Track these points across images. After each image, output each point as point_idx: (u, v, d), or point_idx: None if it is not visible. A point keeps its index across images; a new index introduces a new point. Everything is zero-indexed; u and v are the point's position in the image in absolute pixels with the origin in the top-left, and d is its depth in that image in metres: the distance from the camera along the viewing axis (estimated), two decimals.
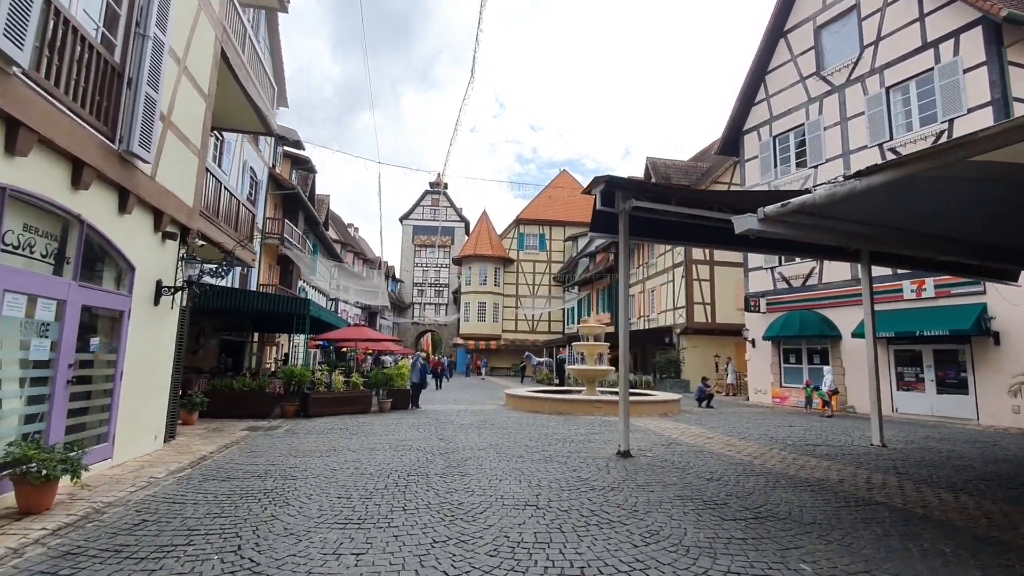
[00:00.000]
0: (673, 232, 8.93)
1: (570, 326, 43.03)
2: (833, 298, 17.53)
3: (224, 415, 11.69)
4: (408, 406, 14.44)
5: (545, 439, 9.34)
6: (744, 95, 21.08)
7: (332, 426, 10.76)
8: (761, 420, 13.47)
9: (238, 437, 9.27)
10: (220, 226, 9.56)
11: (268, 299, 12.87)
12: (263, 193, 23.64)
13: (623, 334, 7.95)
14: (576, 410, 13.67)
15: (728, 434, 10.54)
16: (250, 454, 7.69)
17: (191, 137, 8.17)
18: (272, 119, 12.51)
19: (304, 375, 12.30)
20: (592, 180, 7.98)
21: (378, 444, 8.61)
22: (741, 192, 6.42)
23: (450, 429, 10.58)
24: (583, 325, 17.71)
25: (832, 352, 17.52)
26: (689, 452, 8.22)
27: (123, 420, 6.81)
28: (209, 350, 19.52)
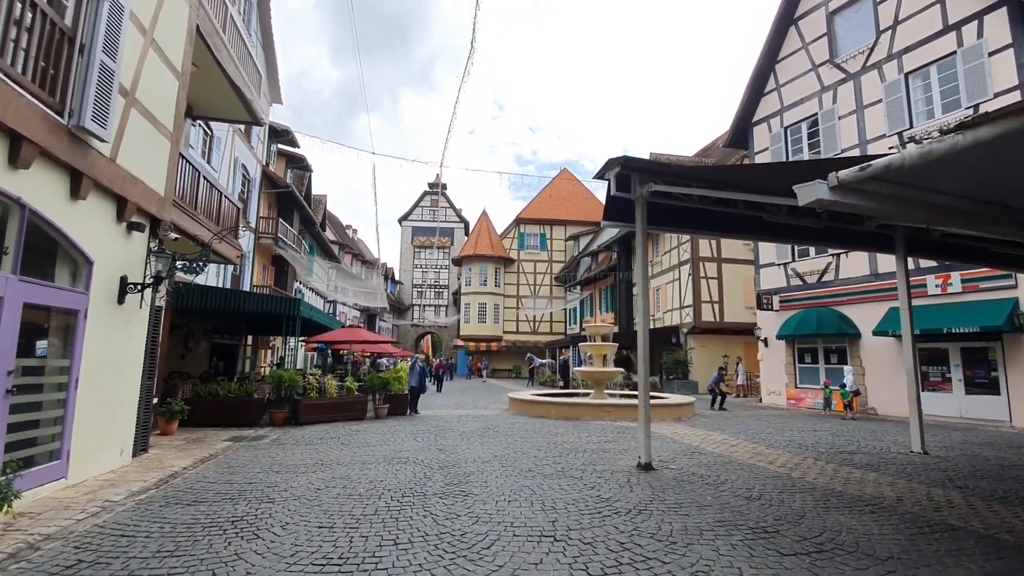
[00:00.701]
0: (696, 220, 8.12)
1: (572, 327, 42.21)
2: (851, 294, 16.72)
3: (208, 424, 10.88)
4: (406, 412, 13.62)
5: (555, 449, 8.53)
6: (753, 85, 20.29)
7: (323, 435, 9.94)
8: (781, 424, 12.65)
9: (218, 449, 8.45)
10: (198, 219, 8.76)
11: (255, 299, 12.08)
12: (256, 191, 22.85)
13: (642, 332, 7.14)
14: (585, 415, 12.85)
15: (752, 440, 9.73)
16: (227, 470, 6.88)
17: (162, 118, 7.37)
18: (259, 107, 11.71)
19: (294, 380, 11.49)
20: (606, 162, 7.19)
21: (371, 456, 7.80)
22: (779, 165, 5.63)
23: (451, 438, 9.76)
24: (589, 325, 16.90)
25: (851, 351, 16.71)
26: (716, 463, 7.41)
27: (80, 434, 6.00)
28: (199, 354, 18.69)
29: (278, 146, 27.53)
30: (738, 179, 6.55)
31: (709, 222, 8.33)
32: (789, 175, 5.77)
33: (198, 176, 8.95)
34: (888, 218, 3.72)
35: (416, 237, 57.60)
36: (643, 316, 7.14)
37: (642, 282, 7.25)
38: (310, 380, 11.94)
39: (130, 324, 7.00)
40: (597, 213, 46.49)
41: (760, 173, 6.28)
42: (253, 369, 23.48)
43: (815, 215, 8.62)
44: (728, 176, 6.54)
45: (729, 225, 8.52)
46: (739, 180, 6.60)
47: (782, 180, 6.17)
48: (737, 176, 6.47)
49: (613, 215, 7.78)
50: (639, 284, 7.24)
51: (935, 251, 10.02)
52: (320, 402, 11.84)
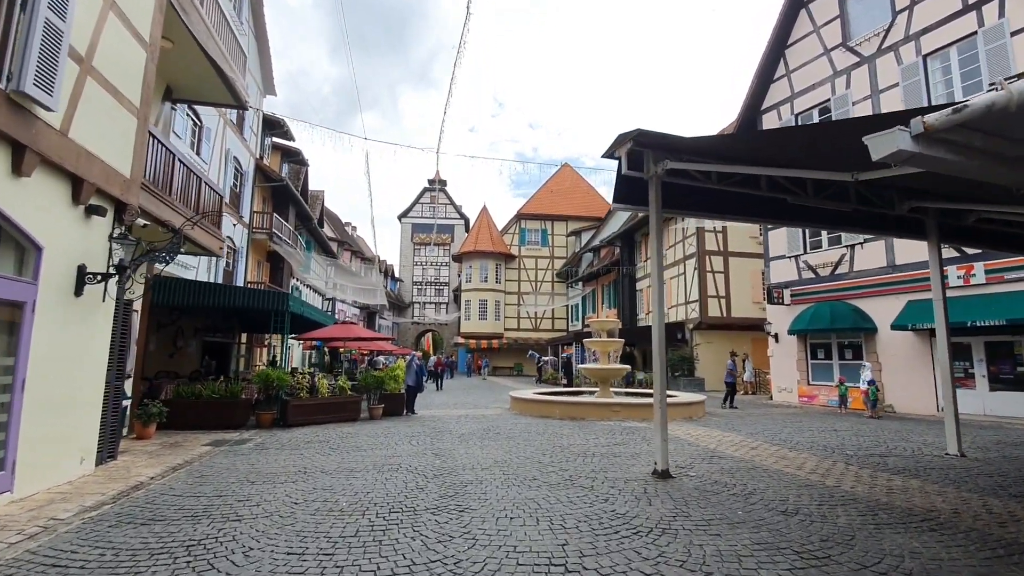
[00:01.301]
0: (714, 203, 7.44)
1: (574, 323, 41.53)
2: (867, 287, 16.01)
3: (190, 426, 10.22)
4: (402, 412, 12.95)
5: (561, 452, 7.85)
6: (762, 72, 19.55)
7: (311, 438, 9.27)
8: (798, 423, 11.96)
9: (195, 455, 7.78)
10: (174, 205, 8.07)
11: (241, 293, 11.39)
12: (249, 185, 22.17)
13: (657, 326, 6.45)
14: (591, 414, 12.17)
15: (772, 442, 9.05)
16: (198, 480, 6.21)
17: (126, 92, 6.68)
18: (242, 88, 11.03)
19: (283, 379, 10.82)
20: (617, 138, 6.50)
21: (360, 463, 7.12)
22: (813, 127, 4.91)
23: (448, 440, 9.09)
24: (594, 320, 16.22)
25: (866, 346, 16.01)
26: (739, 469, 6.72)
27: (28, 442, 5.33)
28: (189, 353, 18.05)
29: (272, 139, 26.84)
30: (764, 147, 5.84)
31: (728, 204, 7.65)
32: (827, 138, 5.06)
33: (173, 159, 8.26)
34: (986, 177, 3.02)
35: (416, 234, 56.89)
36: (658, 308, 6.45)
37: (656, 271, 6.56)
38: (300, 379, 11.27)
39: (91, 319, 6.32)
40: (599, 208, 45.84)
41: (791, 137, 5.54)
42: (248, 368, 22.84)
43: (842, 197, 7.94)
44: (754, 144, 5.82)
45: (750, 208, 7.84)
46: (765, 149, 5.89)
47: (816, 147, 5.48)
48: (763, 142, 5.75)
49: (624, 197, 7.09)
50: (653, 273, 6.57)
51: (968, 238, 9.33)
52: (310, 403, 11.17)
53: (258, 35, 22.62)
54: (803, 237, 18.16)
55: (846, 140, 4.88)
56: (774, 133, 5.39)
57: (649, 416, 12.01)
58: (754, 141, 5.59)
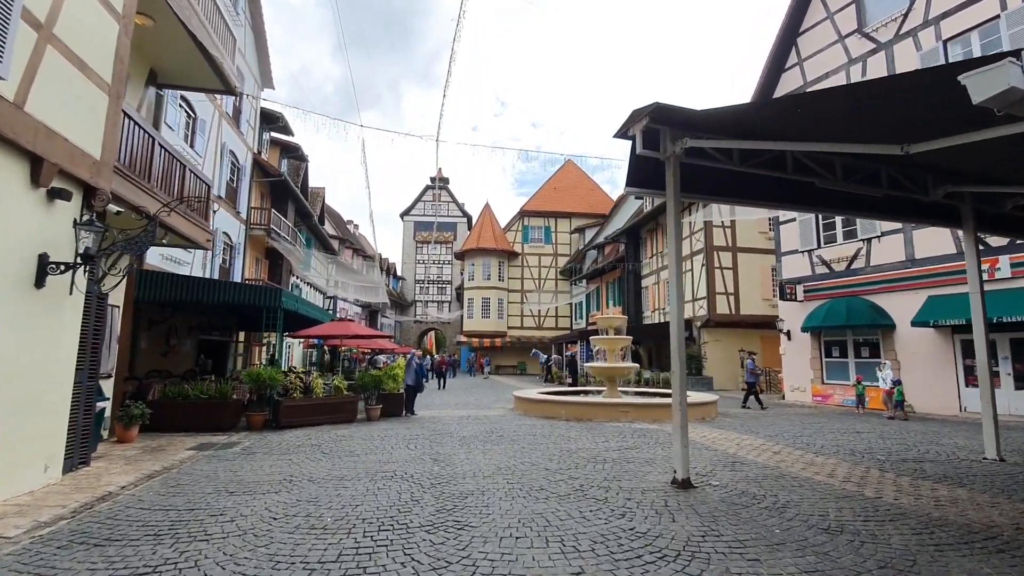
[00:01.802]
0: (737, 186, 6.86)
1: (578, 321, 40.94)
2: (884, 282, 15.38)
3: (177, 428, 9.70)
4: (402, 413, 12.39)
5: (569, 458, 7.28)
6: (773, 61, 18.90)
7: (303, 442, 8.73)
8: (816, 424, 11.36)
9: (176, 460, 7.24)
10: (152, 192, 7.52)
11: (230, 288, 10.84)
12: (246, 180, 21.67)
13: (676, 322, 5.87)
14: (599, 415, 11.59)
15: (794, 446, 8.46)
16: (173, 489, 5.66)
17: (96, 66, 6.13)
18: (231, 73, 10.49)
19: (274, 378, 10.27)
20: (631, 114, 5.92)
21: (352, 470, 6.56)
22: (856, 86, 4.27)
23: (448, 444, 8.53)
24: (600, 317, 15.63)
25: (884, 344, 15.39)
26: (765, 477, 6.14)
27: None
28: (183, 351, 17.56)
29: (271, 134, 26.34)
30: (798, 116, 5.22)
31: (751, 188, 7.07)
32: (875, 100, 4.46)
33: (152, 143, 7.71)
34: None
35: (418, 232, 56.36)
36: (676, 302, 5.87)
37: (674, 261, 5.98)
38: (293, 379, 10.72)
39: (57, 313, 5.78)
40: (603, 205, 45.19)
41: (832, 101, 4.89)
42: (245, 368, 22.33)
43: (873, 181, 7.35)
44: (787, 111, 5.19)
45: (774, 192, 7.26)
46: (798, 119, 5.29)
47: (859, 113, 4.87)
48: (799, 108, 5.12)
49: (638, 180, 6.51)
50: (671, 264, 5.99)
51: (1006, 226, 8.75)
52: (304, 403, 10.63)
53: (255, 27, 22.11)
54: (816, 231, 17.55)
55: (903, 99, 4.30)
56: (812, 97, 4.79)
57: (661, 417, 11.44)
58: (788, 107, 4.98)
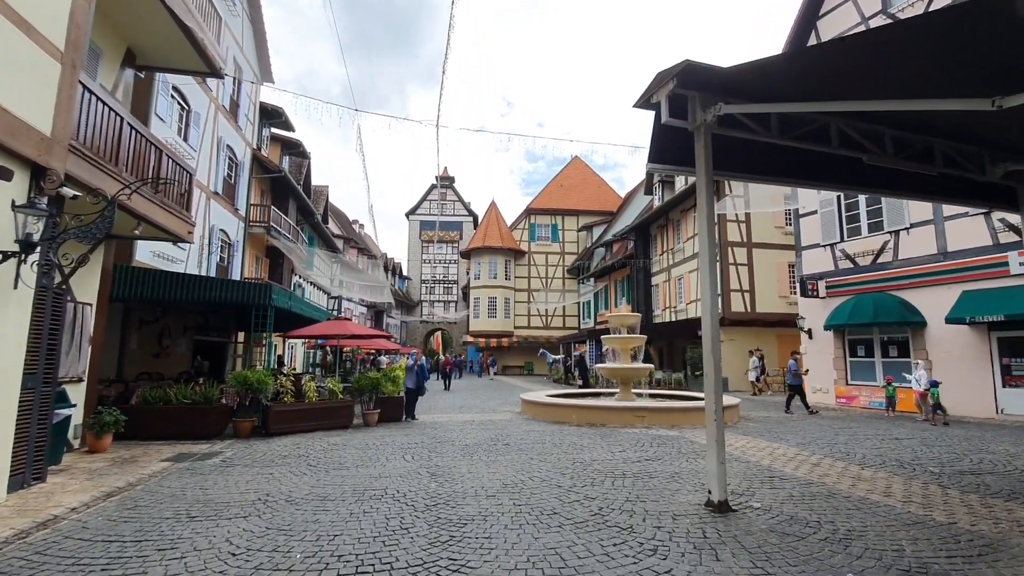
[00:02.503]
0: (772, 162, 6.03)
1: (585, 321, 40.09)
2: (914, 277, 14.45)
3: (157, 436, 8.97)
4: (401, 418, 11.62)
5: (583, 472, 6.47)
6: (791, 46, 18.00)
7: (290, 452, 7.97)
8: (848, 430, 10.49)
9: (146, 474, 6.50)
10: (119, 176, 6.77)
11: (215, 285, 10.09)
12: (245, 176, 21.02)
13: (709, 315, 5.05)
14: (613, 420, 10.77)
15: (832, 455, 7.60)
16: (128, 512, 4.91)
17: (45, 30, 5.39)
18: (216, 54, 9.76)
19: (263, 382, 9.53)
20: (655, 78, 5.11)
21: (338, 487, 5.79)
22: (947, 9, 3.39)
23: (449, 454, 7.74)
24: (612, 315, 14.80)
25: (914, 342, 14.46)
26: (813, 496, 5.31)
27: None
28: (178, 353, 16.90)
29: (271, 130, 25.70)
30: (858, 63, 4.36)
31: (790, 165, 6.24)
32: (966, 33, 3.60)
33: (120, 122, 6.97)
34: None
35: (424, 232, 55.69)
36: (710, 294, 5.05)
37: (707, 248, 5.16)
38: (283, 382, 9.98)
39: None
40: (611, 202, 44.27)
41: (908, 32, 3.96)
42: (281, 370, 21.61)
43: (926, 158, 6.49)
44: (847, 55, 4.30)
45: (815, 169, 6.43)
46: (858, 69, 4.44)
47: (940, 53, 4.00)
48: (862, 50, 4.23)
49: (662, 155, 5.69)
50: (704, 252, 5.19)
51: None
52: (295, 408, 9.88)
53: (254, 20, 21.48)
54: (840, 223, 16.63)
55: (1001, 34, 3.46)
56: (878, 33, 3.95)
57: (680, 422, 10.61)
58: (848, 49, 4.10)
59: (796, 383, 14.24)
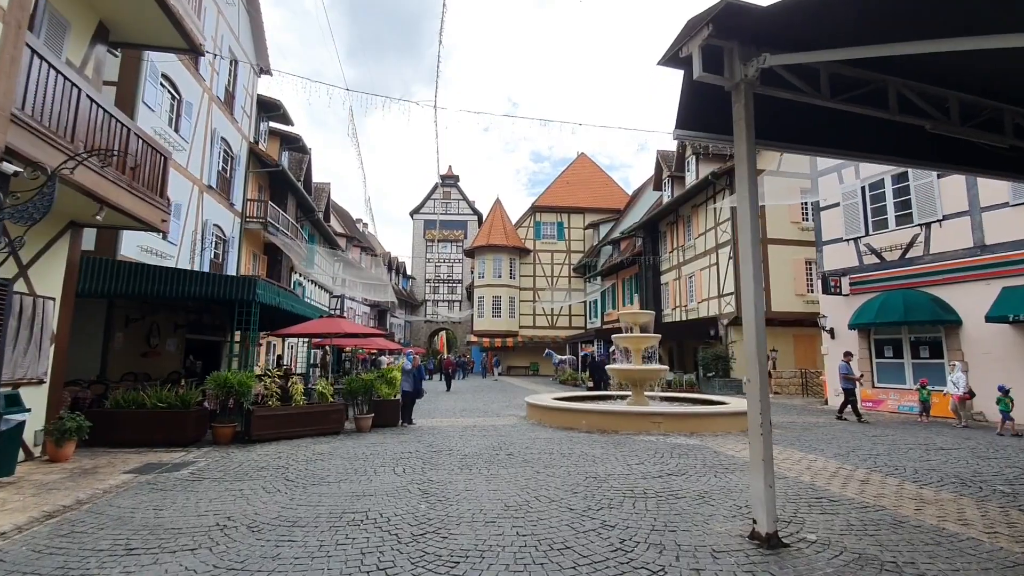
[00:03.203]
0: (820, 130, 5.17)
1: (592, 320, 39.21)
2: (948, 272, 13.50)
3: (129, 443, 8.21)
4: (397, 422, 10.81)
5: (598, 489, 5.63)
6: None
7: (268, 463, 7.16)
8: (885, 438, 9.59)
9: (101, 490, 5.72)
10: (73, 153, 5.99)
11: (193, 279, 9.28)
12: (241, 170, 20.31)
13: (753, 310, 4.21)
14: (625, 426, 9.92)
15: (880, 470, 6.72)
16: (60, 540, 4.12)
17: None
18: (195, 29, 8.98)
19: (244, 385, 8.73)
20: (686, 26, 4.28)
21: (312, 509, 4.97)
22: None
23: (446, 466, 6.92)
24: (624, 313, 13.93)
25: (948, 342, 13.51)
26: (876, 525, 4.45)
27: None
28: (168, 352, 16.19)
29: (270, 124, 25.01)
30: None
31: (841, 134, 5.38)
32: None
33: (78, 94, 6.19)
34: None
35: (428, 231, 54.94)
36: (753, 285, 4.21)
37: (749, 231, 4.31)
38: (268, 384, 9.19)
39: None
40: (618, 199, 43.30)
41: None
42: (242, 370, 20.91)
43: (995, 127, 5.63)
44: None
45: (870, 139, 5.56)
46: None
47: None
48: None
49: (692, 120, 4.84)
50: (744, 236, 4.35)
51: None
52: (281, 413, 9.08)
53: (251, 9, 20.78)
54: (864, 216, 15.70)
55: None
56: None
57: (699, 428, 9.74)
58: None
59: (849, 387, 12.72)
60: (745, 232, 4.29)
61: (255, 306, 9.55)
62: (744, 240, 4.29)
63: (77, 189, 5.92)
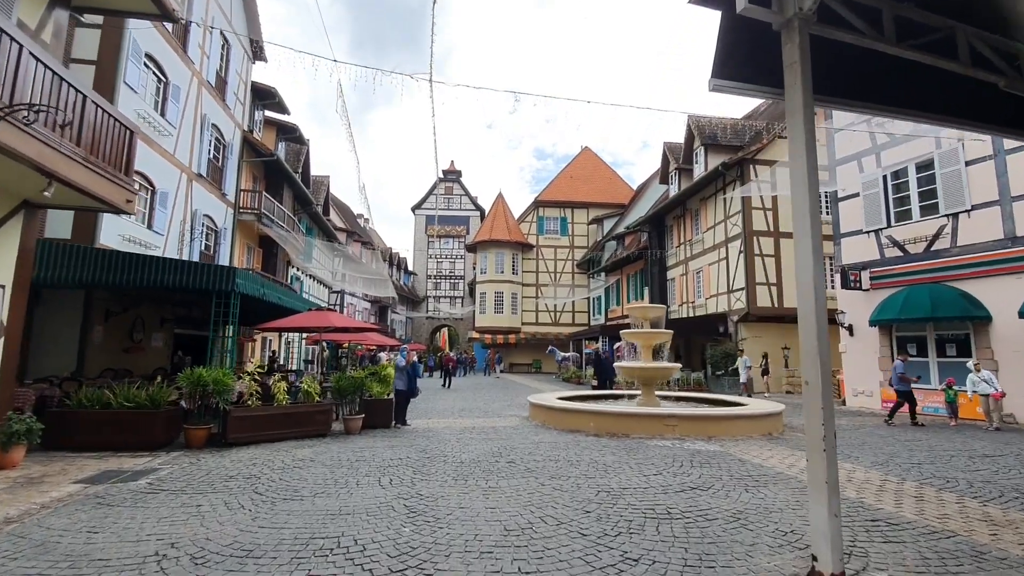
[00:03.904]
0: (891, 85, 4.37)
1: (596, 317, 38.40)
2: (977, 265, 12.68)
3: (92, 446, 7.45)
4: (390, 424, 10.03)
5: (613, 508, 4.85)
6: None
7: (241, 470, 6.39)
8: (919, 443, 8.79)
9: (40, 504, 4.95)
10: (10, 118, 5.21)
11: (164, 267, 8.47)
12: (234, 159, 19.55)
13: (813, 298, 3.40)
14: (636, 429, 9.13)
15: (926, 482, 5.93)
16: None
17: None
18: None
19: (221, 383, 7.96)
20: None
21: (276, 532, 4.20)
22: None
23: (438, 476, 6.14)
24: (635, 307, 13.13)
25: (977, 340, 12.70)
26: (956, 558, 3.66)
27: None
28: (153, 347, 15.47)
29: (265, 113, 24.22)
30: None
31: (904, 89, 4.57)
32: None
33: (17, 50, 5.40)
34: None
35: (430, 226, 54.15)
36: (813, 267, 3.40)
37: (808, 203, 3.49)
38: (248, 382, 8.41)
39: None
40: (622, 194, 42.40)
41: None
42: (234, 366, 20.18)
43: None
44: None
45: (937, 99, 4.74)
46: None
47: None
48: None
49: (730, 67, 4.01)
50: (801, 202, 3.53)
51: None
52: (261, 413, 8.31)
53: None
54: (886, 206, 14.87)
55: None
56: None
57: (717, 432, 8.94)
58: None
59: (904, 389, 11.70)
60: (802, 198, 3.48)
61: (235, 297, 8.78)
62: (800, 208, 3.48)
63: (14, 157, 5.14)
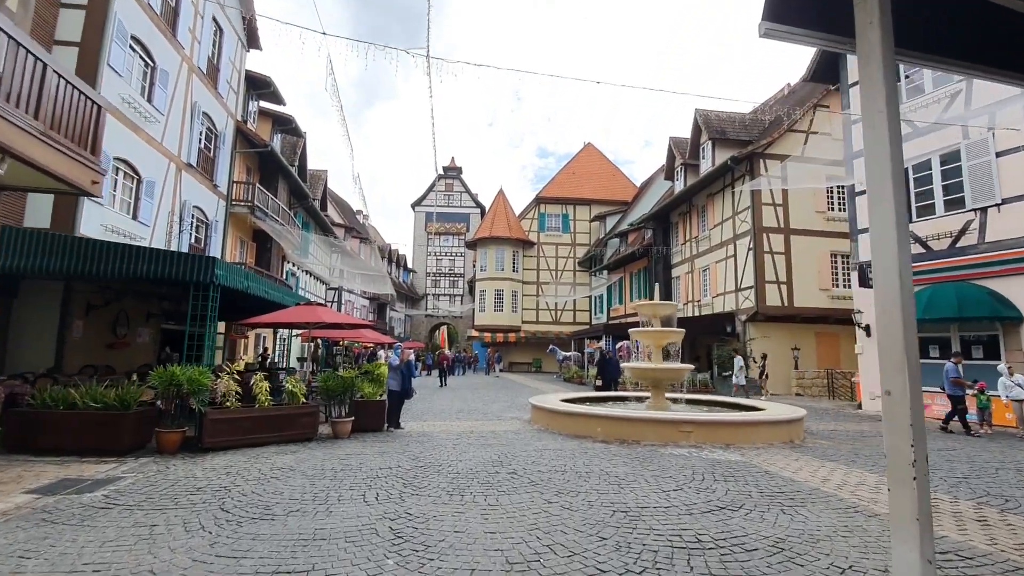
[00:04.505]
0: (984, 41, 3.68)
1: (598, 316, 37.73)
2: (1008, 262, 11.99)
3: (55, 449, 6.79)
4: (382, 427, 9.35)
5: (632, 534, 4.17)
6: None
7: (211, 480, 5.72)
8: (955, 454, 8.10)
9: None
10: None
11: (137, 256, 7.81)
12: (226, 149, 18.87)
13: (898, 288, 2.72)
14: (648, 435, 8.45)
15: (982, 500, 5.25)
16: None
17: None
18: None
19: (196, 382, 7.29)
20: None
21: (235, 562, 3.53)
22: None
23: (431, 490, 5.46)
24: (644, 304, 12.44)
25: (1006, 341, 12.02)
26: None
27: None
28: (139, 343, 14.78)
29: (260, 103, 23.55)
30: None
31: (985, 45, 3.88)
32: None
33: None
34: None
35: (429, 223, 53.50)
36: (898, 249, 2.73)
37: (889, 159, 2.82)
38: (226, 382, 7.73)
39: None
40: (625, 191, 41.69)
41: None
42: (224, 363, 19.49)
43: None
44: None
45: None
46: None
47: None
48: None
49: (787, 9, 3.34)
50: (881, 166, 2.82)
51: None
52: (241, 416, 7.63)
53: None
54: (908, 201, 14.15)
55: None
56: None
57: (736, 440, 8.26)
58: None
59: (958, 394, 10.67)
60: (882, 163, 2.78)
61: (214, 289, 8.11)
62: (880, 173, 2.79)
63: None
